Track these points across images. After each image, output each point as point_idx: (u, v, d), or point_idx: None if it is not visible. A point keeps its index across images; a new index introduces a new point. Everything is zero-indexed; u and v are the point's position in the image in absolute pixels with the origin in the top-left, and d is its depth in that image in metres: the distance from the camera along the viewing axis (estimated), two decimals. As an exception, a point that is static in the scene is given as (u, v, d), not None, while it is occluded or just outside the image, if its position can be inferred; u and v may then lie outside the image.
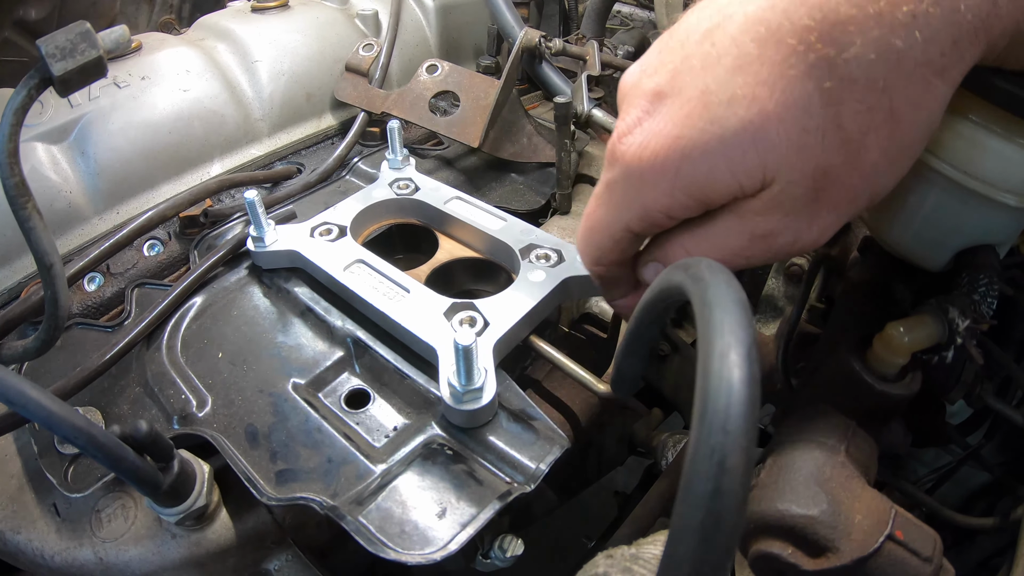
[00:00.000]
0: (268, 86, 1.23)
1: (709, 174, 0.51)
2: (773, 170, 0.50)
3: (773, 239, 0.55)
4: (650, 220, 0.57)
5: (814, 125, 0.48)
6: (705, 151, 0.51)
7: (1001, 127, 0.58)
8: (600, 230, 0.62)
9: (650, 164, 0.53)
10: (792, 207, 0.52)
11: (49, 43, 0.68)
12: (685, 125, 0.51)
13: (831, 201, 0.53)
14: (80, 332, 0.93)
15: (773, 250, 0.56)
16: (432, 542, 0.63)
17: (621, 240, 0.61)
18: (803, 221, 0.54)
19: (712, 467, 0.30)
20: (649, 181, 0.54)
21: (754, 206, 0.53)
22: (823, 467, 0.62)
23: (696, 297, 0.37)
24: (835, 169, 0.50)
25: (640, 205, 0.56)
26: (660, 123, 0.53)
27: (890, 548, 0.57)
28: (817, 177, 0.51)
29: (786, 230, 0.54)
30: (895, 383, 0.68)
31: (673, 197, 0.54)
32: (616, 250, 0.62)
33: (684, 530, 0.30)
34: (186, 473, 0.68)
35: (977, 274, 0.68)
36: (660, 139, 0.53)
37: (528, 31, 1.24)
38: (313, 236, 0.94)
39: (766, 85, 0.48)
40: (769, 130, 0.49)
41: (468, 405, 0.71)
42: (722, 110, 0.50)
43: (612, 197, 0.59)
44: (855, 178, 0.52)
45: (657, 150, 0.53)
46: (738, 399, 0.31)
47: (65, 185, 1.03)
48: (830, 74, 0.47)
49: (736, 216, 0.55)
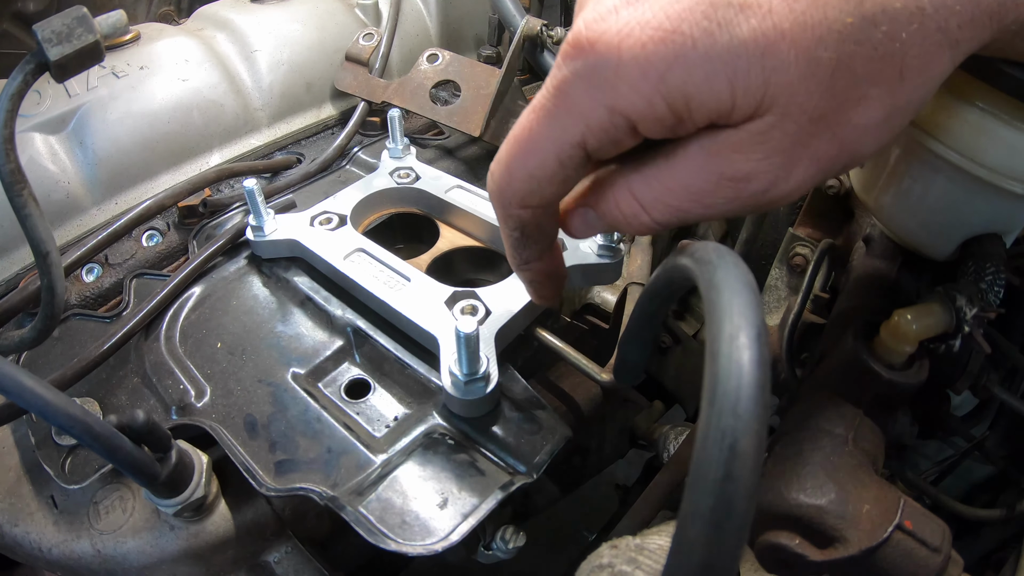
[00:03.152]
0: (267, 76, 1.22)
1: (704, 83, 0.44)
2: (772, 96, 0.44)
3: (745, 184, 0.47)
4: (611, 132, 0.47)
5: (827, 58, 0.43)
6: (706, 54, 0.43)
7: (1009, 114, 0.57)
8: (540, 151, 0.50)
9: (631, 56, 0.44)
10: (777, 146, 0.46)
11: (45, 28, 0.67)
12: (684, 19, 0.43)
13: (817, 151, 0.47)
14: (78, 323, 0.92)
15: (740, 199, 0.48)
16: (433, 533, 0.62)
17: (567, 162, 0.50)
18: (783, 167, 0.47)
19: (723, 452, 0.29)
20: (625, 77, 0.45)
21: (733, 140, 0.46)
22: (830, 456, 0.61)
23: (703, 280, 0.36)
24: (832, 115, 0.45)
25: (605, 107, 0.46)
26: (649, 12, 0.44)
27: (899, 538, 0.57)
28: (814, 118, 0.45)
29: (762, 174, 0.47)
30: (903, 372, 0.68)
31: (651, 103, 0.45)
32: (557, 179, 0.51)
33: (694, 517, 0.29)
34: (184, 464, 0.67)
35: (983, 263, 0.67)
36: (649, 30, 0.44)
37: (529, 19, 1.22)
38: (313, 225, 0.93)
39: (785, 1, 0.42)
40: (781, 49, 0.42)
41: (470, 394, 0.70)
42: (732, 13, 0.43)
43: (566, 100, 0.48)
44: (847, 130, 0.46)
45: (644, 41, 0.44)
46: (749, 381, 0.30)
47: (63, 176, 1.03)
48: (855, 10, 0.42)
49: (706, 153, 0.47)
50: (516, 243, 0.58)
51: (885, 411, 0.71)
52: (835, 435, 0.63)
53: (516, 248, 0.59)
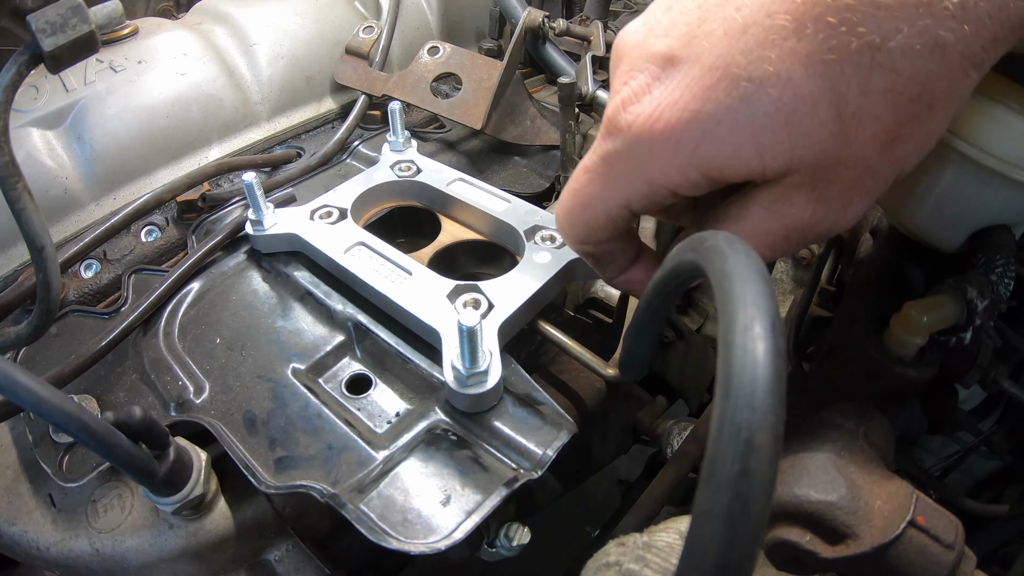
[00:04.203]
0: (267, 69, 1.21)
1: (734, 154, 0.47)
2: (800, 156, 0.47)
3: (810, 229, 0.52)
4: (653, 198, 0.53)
5: (850, 112, 0.45)
6: (732, 129, 0.46)
7: (1019, 103, 0.56)
8: (592, 207, 0.57)
9: (663, 137, 0.49)
10: (825, 194, 0.49)
11: (39, 18, 0.66)
12: (707, 99, 0.47)
13: (863, 188, 0.50)
14: (77, 319, 0.91)
15: (809, 239, 0.53)
16: (436, 530, 0.61)
17: (616, 218, 0.56)
18: (839, 208, 0.51)
19: (739, 446, 0.28)
20: (660, 156, 0.50)
21: (786, 197, 0.50)
22: (841, 451, 0.60)
23: (714, 269, 0.35)
24: (869, 159, 0.47)
25: (645, 180, 0.52)
26: (675, 92, 0.48)
27: (912, 534, 0.56)
28: (849, 166, 0.47)
29: (821, 219, 0.51)
30: (913, 365, 0.66)
31: (685, 174, 0.50)
32: (608, 228, 0.58)
33: (709, 514, 0.28)
34: (182, 461, 0.66)
35: (993, 255, 0.66)
36: (677, 111, 0.48)
37: (531, 11, 1.21)
38: (313, 219, 0.92)
39: (803, 65, 0.44)
40: (803, 114, 0.45)
41: (472, 389, 0.69)
42: (752, 87, 0.45)
43: (611, 171, 0.54)
44: (887, 166, 0.49)
45: (673, 123, 0.48)
46: (764, 373, 0.29)
47: (61, 171, 1.02)
48: (872, 60, 0.43)
49: (767, 212, 0.51)
50: (597, 264, 0.65)
51: (895, 405, 0.69)
52: (845, 429, 0.62)
53: (599, 267, 0.65)
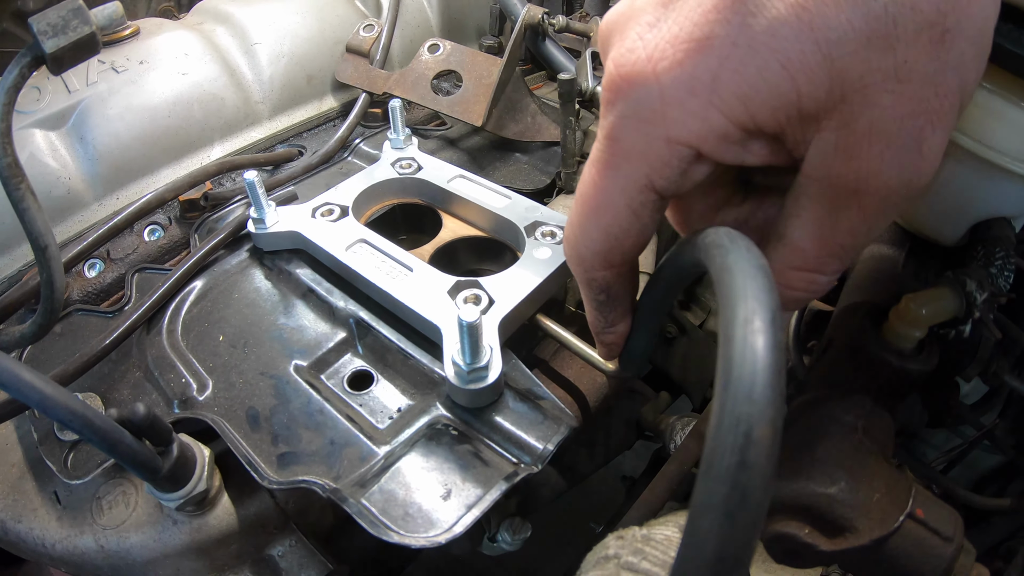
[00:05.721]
0: (268, 68, 1.21)
1: (758, 77, 0.39)
2: (841, 69, 0.38)
3: (887, 189, 0.41)
4: (676, 163, 0.43)
5: (880, 6, 0.37)
6: (751, 48, 0.38)
7: (1018, 96, 0.56)
8: (610, 203, 0.47)
9: (672, 75, 0.40)
10: (888, 131, 0.39)
11: (41, 20, 0.66)
12: (715, 21, 0.39)
13: (931, 110, 0.39)
14: (81, 318, 0.91)
15: (892, 202, 0.42)
16: (436, 524, 0.62)
17: (641, 209, 0.46)
18: (911, 147, 0.40)
19: (738, 438, 0.28)
20: (674, 99, 0.41)
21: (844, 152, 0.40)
22: (840, 444, 0.60)
23: (715, 263, 0.35)
24: (923, 65, 0.38)
25: (663, 139, 0.42)
26: (675, 27, 0.41)
27: (910, 527, 0.56)
28: (903, 78, 0.38)
29: (898, 168, 0.40)
30: (912, 358, 0.67)
31: (707, 121, 0.41)
32: (634, 230, 0.47)
33: (707, 507, 0.28)
34: (186, 457, 0.67)
35: (993, 247, 0.66)
36: (681, 43, 0.40)
37: (530, 8, 1.22)
38: (315, 217, 0.93)
39: None
40: (828, 14, 0.37)
41: (473, 384, 0.69)
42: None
43: (620, 147, 0.44)
44: (948, 74, 0.39)
45: (680, 57, 0.40)
46: (764, 366, 0.29)
47: (64, 171, 1.02)
48: None
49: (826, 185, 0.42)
50: (601, 307, 0.55)
51: (894, 399, 0.70)
52: (844, 423, 0.63)
53: (601, 311, 0.56)
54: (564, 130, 1.06)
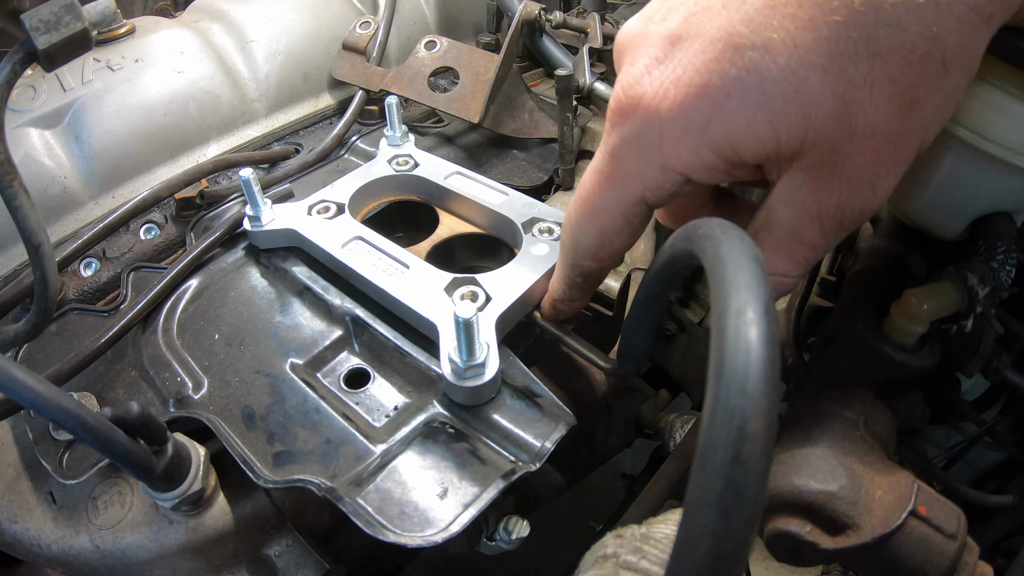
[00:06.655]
0: (264, 66, 1.21)
1: (746, 128, 0.45)
2: (817, 128, 0.44)
3: (842, 214, 0.48)
4: (668, 186, 0.50)
5: (861, 76, 0.43)
6: (742, 101, 0.44)
7: (1019, 89, 0.56)
8: (606, 210, 0.54)
9: (671, 115, 0.46)
10: (849, 173, 0.46)
11: (33, 17, 0.66)
12: (713, 71, 0.45)
13: (888, 160, 0.47)
14: (76, 317, 0.91)
15: (846, 226, 0.50)
16: (433, 523, 0.61)
17: (633, 218, 0.54)
18: (865, 186, 0.47)
19: (731, 433, 0.27)
20: (670, 135, 0.47)
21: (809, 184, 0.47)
22: (841, 441, 0.60)
23: (708, 255, 0.35)
24: (889, 126, 0.45)
25: (658, 167, 0.49)
26: (678, 69, 0.46)
27: (913, 525, 0.55)
28: (869, 135, 0.45)
29: (852, 200, 0.48)
30: (914, 353, 0.66)
31: (698, 155, 0.47)
32: (625, 233, 0.55)
33: (701, 503, 0.27)
34: (181, 456, 0.66)
35: (994, 242, 0.66)
36: (683, 87, 0.46)
37: (527, 4, 1.21)
38: (311, 214, 0.92)
39: (807, 31, 0.42)
40: (814, 81, 0.43)
41: (470, 381, 0.68)
42: (757, 56, 0.44)
43: (621, 164, 0.51)
44: (908, 134, 0.46)
45: (680, 99, 0.46)
46: (757, 359, 0.28)
47: (59, 170, 1.02)
48: (877, 19, 0.42)
49: (793, 208, 0.49)
50: (574, 285, 0.64)
51: (896, 395, 0.69)
52: (845, 419, 0.62)
53: (572, 288, 0.65)
54: (561, 126, 1.05)
